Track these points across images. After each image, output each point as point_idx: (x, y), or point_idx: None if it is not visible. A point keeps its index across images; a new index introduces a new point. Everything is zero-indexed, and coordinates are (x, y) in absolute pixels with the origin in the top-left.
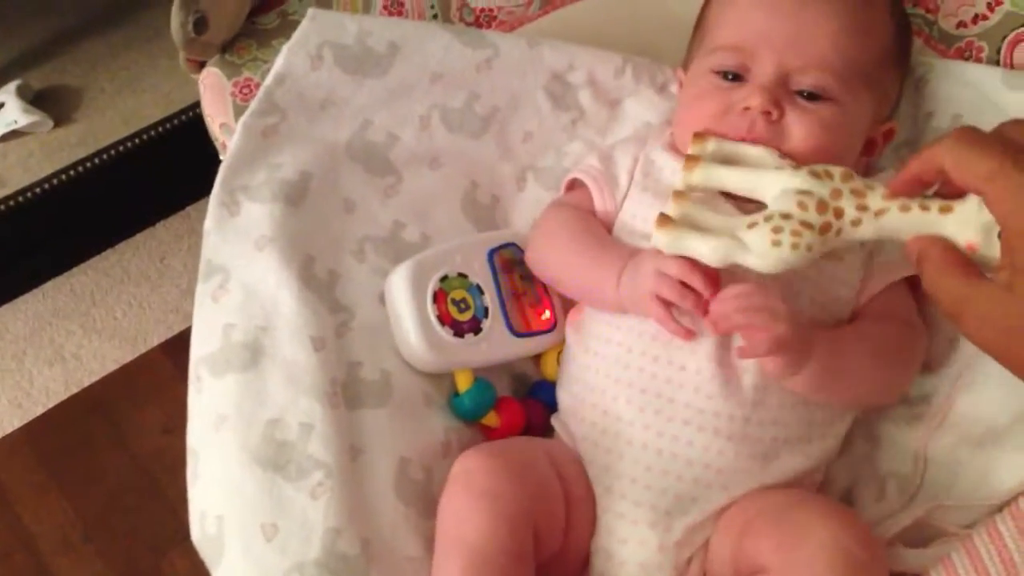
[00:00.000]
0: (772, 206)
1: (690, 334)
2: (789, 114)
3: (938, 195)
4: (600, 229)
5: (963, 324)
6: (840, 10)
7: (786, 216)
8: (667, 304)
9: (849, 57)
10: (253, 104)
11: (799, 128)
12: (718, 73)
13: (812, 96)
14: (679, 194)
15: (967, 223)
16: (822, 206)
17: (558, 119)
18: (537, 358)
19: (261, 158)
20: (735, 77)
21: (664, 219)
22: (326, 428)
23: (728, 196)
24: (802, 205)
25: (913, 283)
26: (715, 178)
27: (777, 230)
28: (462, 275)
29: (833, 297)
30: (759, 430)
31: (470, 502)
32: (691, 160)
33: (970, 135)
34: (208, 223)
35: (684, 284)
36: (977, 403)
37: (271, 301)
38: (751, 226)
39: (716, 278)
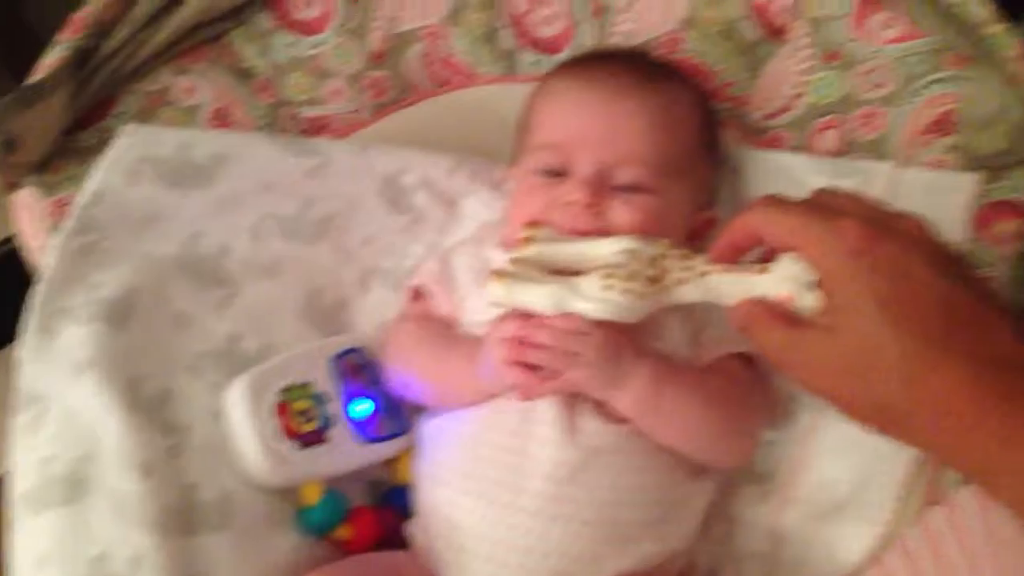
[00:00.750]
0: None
1: (551, 386)
2: (611, 206)
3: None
4: (447, 330)
5: (792, 371)
6: (647, 108)
7: (618, 266)
8: (522, 364)
9: (660, 151)
10: (68, 224)
11: (622, 218)
12: (541, 171)
13: (631, 189)
14: (515, 260)
15: (782, 279)
16: (651, 261)
17: (396, 222)
18: (391, 462)
19: (80, 278)
20: (558, 174)
21: (499, 273)
22: (157, 560)
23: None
24: (633, 259)
25: (750, 359)
26: (548, 252)
27: (609, 276)
28: (305, 384)
29: None
30: (613, 513)
31: None
32: (525, 240)
33: (775, 198)
34: (23, 351)
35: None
36: (818, 476)
37: (94, 429)
38: (585, 276)
39: None
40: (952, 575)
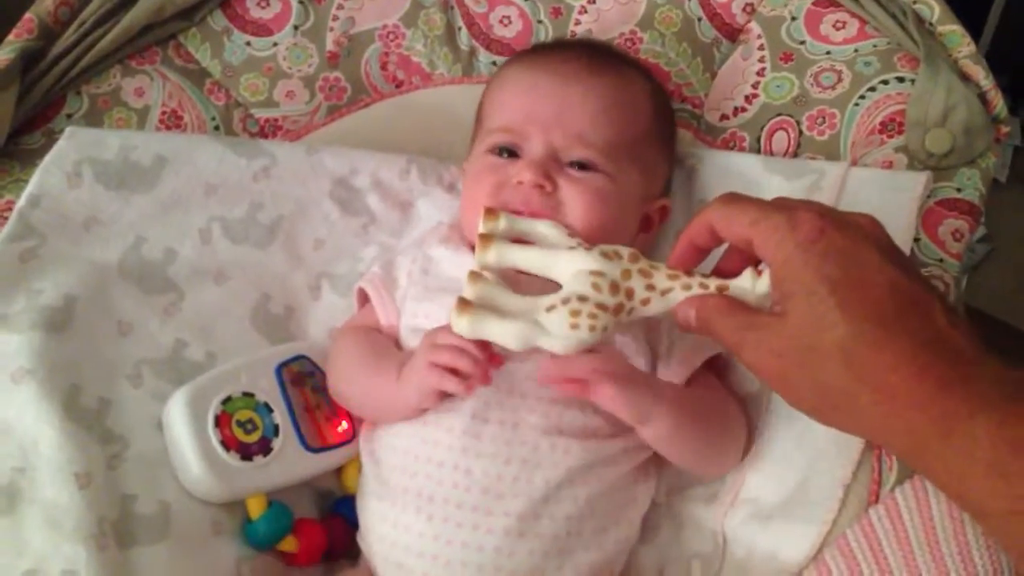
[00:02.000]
0: (568, 287)
1: (469, 387)
2: (562, 185)
3: (716, 274)
4: (383, 342)
5: (743, 353)
6: (599, 92)
7: (583, 299)
8: (444, 369)
9: (611, 133)
10: (6, 228)
11: (573, 196)
12: (493, 152)
13: (582, 167)
14: (475, 275)
15: (743, 296)
16: (614, 287)
17: (349, 224)
18: (339, 472)
19: (19, 284)
20: (510, 154)
21: (463, 304)
22: (92, 573)
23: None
24: (597, 287)
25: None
26: (509, 258)
27: (575, 313)
28: (248, 394)
29: None
30: (551, 526)
31: None
32: (484, 239)
33: (732, 195)
34: None
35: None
36: (763, 478)
37: (30, 439)
38: (550, 309)
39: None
40: (888, 573)
